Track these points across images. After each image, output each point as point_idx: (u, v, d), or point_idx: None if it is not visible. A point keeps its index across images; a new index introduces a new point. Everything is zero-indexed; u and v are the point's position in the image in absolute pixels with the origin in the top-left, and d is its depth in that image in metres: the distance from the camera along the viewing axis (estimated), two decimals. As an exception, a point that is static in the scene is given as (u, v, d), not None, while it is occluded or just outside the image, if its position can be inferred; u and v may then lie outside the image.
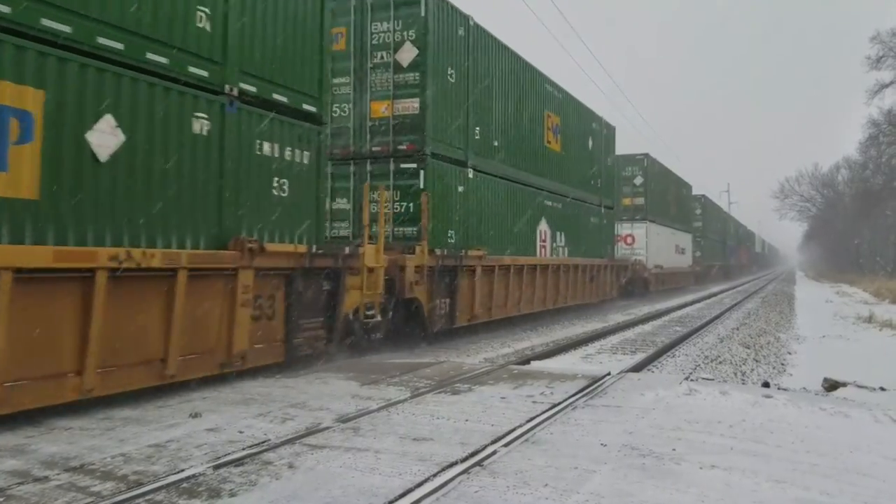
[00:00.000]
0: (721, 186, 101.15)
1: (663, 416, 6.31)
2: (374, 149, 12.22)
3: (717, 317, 20.96)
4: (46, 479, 4.38)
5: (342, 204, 12.49)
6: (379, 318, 10.19)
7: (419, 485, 4.31)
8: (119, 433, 5.47)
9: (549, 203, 17.85)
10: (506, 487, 4.28)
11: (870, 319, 19.20)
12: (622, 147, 26.49)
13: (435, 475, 4.50)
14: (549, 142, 17.64)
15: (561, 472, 4.58)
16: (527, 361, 10.83)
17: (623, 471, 4.66)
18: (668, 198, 33.83)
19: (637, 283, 27.88)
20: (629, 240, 28.89)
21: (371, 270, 9.88)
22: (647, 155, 30.42)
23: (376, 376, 8.18)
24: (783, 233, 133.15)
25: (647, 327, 17.87)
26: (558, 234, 18.66)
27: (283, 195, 8.40)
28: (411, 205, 12.02)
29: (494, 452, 5.03)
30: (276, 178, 8.31)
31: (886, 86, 40.01)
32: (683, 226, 37.85)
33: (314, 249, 8.65)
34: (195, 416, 6.02)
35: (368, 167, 12.29)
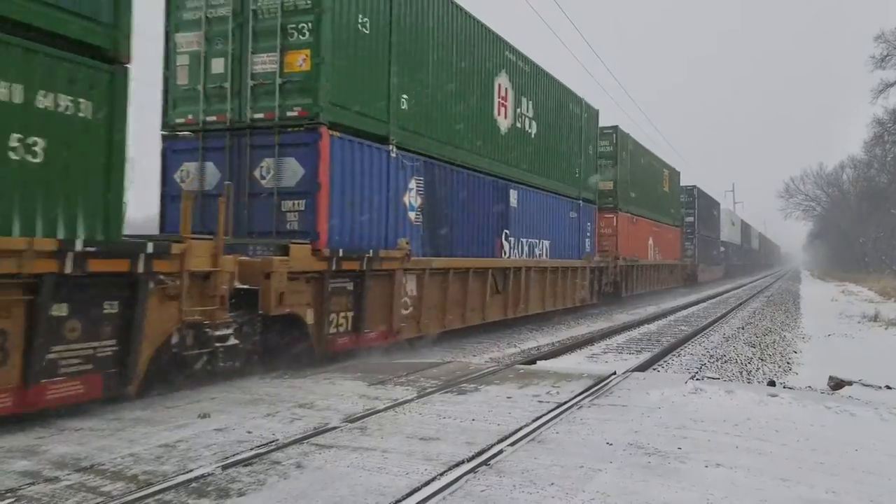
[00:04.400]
0: (726, 186, 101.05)
1: (669, 415, 6.33)
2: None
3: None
4: (57, 479, 4.42)
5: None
6: (235, 341, 7.67)
7: (426, 484, 4.35)
8: (129, 434, 5.51)
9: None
10: (512, 486, 4.31)
11: (875, 318, 19.16)
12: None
13: (442, 474, 4.53)
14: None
15: (567, 471, 4.61)
16: (532, 361, 10.86)
17: (628, 469, 4.68)
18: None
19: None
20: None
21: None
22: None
23: (383, 376, 8.21)
24: (788, 232, 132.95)
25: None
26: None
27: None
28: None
29: (501, 452, 5.06)
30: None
31: (891, 85, 39.99)
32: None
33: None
34: (204, 416, 6.06)
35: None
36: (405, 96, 11.13)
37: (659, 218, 30.89)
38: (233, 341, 7.61)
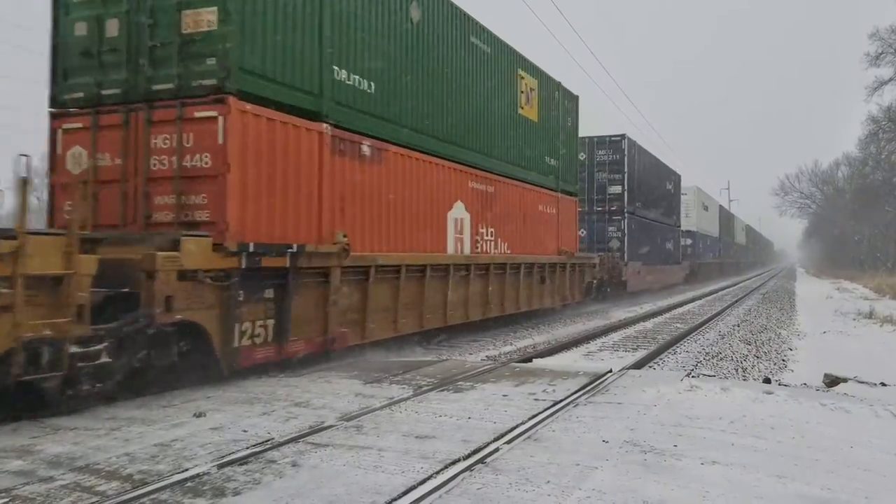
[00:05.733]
0: (721, 184, 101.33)
1: (665, 412, 6.34)
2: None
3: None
4: (52, 479, 4.40)
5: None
6: (107, 359, 6.15)
7: (422, 482, 4.34)
8: (124, 433, 5.50)
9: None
10: (508, 484, 4.31)
11: (870, 315, 19.21)
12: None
13: (438, 472, 4.52)
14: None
15: (563, 469, 4.61)
16: (528, 359, 10.85)
17: (625, 467, 4.68)
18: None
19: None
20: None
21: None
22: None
23: (379, 375, 8.20)
24: (784, 230, 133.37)
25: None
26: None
27: None
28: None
29: (497, 450, 5.06)
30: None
31: (885, 82, 40.15)
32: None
33: None
34: (199, 415, 6.04)
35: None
36: None
37: (500, 168, 14.69)
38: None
